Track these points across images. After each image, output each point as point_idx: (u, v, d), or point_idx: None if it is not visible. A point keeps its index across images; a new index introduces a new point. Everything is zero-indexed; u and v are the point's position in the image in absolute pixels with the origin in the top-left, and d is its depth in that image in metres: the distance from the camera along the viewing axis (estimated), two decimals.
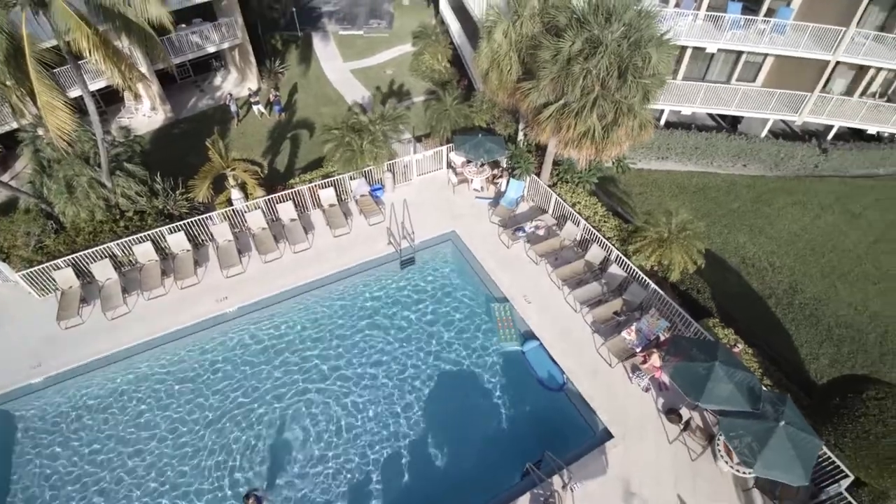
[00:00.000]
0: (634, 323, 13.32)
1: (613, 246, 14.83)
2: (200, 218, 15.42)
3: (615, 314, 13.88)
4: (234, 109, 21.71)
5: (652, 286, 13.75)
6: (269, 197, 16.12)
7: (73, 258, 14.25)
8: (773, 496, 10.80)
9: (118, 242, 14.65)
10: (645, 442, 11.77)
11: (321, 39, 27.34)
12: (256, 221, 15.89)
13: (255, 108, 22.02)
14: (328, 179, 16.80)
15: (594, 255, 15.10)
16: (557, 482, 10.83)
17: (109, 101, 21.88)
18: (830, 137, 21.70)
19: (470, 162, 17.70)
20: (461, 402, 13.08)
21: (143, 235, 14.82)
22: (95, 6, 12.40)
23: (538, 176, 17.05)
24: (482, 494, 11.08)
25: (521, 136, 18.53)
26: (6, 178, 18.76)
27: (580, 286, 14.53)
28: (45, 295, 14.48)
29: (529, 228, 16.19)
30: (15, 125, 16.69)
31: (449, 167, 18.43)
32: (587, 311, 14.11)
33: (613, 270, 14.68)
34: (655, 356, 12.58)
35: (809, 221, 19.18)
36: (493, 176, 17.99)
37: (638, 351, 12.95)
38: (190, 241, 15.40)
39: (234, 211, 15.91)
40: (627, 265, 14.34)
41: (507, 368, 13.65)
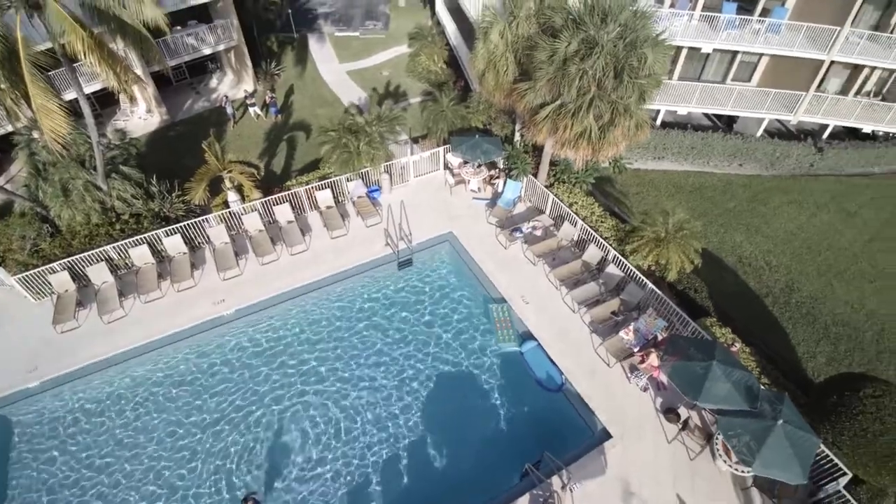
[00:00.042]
0: (632, 323, 13.34)
1: (610, 246, 14.85)
2: (197, 220, 15.36)
3: (613, 314, 13.90)
4: (230, 111, 21.67)
5: (649, 286, 13.78)
6: (265, 199, 16.09)
7: (68, 262, 14.19)
8: (771, 495, 10.83)
9: (114, 246, 14.58)
10: (643, 441, 11.79)
11: (317, 41, 27.30)
12: (253, 224, 15.85)
13: (251, 110, 21.98)
14: (325, 181, 16.77)
15: (591, 255, 15.12)
16: (556, 483, 10.84)
17: (105, 103, 21.79)
18: (826, 136, 21.78)
19: (467, 163, 17.69)
20: (460, 403, 13.07)
21: (139, 238, 14.77)
22: (90, 8, 12.38)
23: (535, 176, 17.06)
24: (481, 495, 11.06)
25: (517, 136, 18.54)
26: (1, 181, 18.67)
27: (578, 286, 14.55)
28: (40, 299, 14.42)
29: (527, 229, 16.18)
30: (10, 128, 16.59)
31: (446, 168, 18.41)
32: (585, 311, 14.13)
33: (611, 270, 14.71)
34: (653, 356, 12.59)
35: (805, 220, 19.26)
36: (490, 177, 17.98)
37: (636, 351, 12.97)
38: (186, 243, 15.34)
39: (230, 213, 15.86)
40: (625, 265, 14.36)
41: (505, 369, 13.64)
